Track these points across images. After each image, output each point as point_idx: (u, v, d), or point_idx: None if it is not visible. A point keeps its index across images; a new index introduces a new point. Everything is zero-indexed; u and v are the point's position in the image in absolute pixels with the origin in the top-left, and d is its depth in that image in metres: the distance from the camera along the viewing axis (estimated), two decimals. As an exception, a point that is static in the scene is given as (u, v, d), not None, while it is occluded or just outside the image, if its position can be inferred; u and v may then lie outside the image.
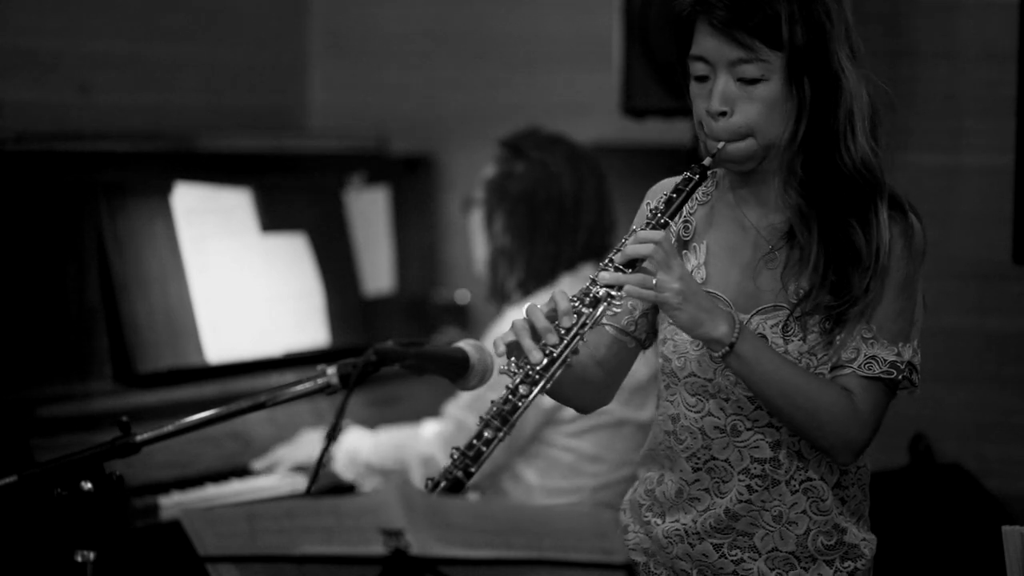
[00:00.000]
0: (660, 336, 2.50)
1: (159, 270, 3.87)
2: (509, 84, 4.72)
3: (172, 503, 3.63)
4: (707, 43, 2.37)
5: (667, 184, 2.49)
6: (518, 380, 2.28)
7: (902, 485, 3.96)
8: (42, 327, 3.71)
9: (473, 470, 2.22)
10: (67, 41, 4.29)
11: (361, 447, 3.79)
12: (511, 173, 3.73)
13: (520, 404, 2.26)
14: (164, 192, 3.93)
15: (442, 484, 2.22)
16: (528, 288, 3.70)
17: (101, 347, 3.79)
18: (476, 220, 3.81)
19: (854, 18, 2.43)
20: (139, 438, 2.27)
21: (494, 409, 2.27)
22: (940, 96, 4.10)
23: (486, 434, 2.25)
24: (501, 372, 2.32)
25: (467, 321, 4.66)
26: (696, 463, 2.46)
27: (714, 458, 2.45)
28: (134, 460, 2.34)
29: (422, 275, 4.70)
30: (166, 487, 3.67)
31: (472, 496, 3.56)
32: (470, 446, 2.24)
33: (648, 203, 2.51)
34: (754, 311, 2.41)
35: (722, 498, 2.44)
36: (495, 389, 3.49)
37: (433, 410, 4.06)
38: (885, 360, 2.38)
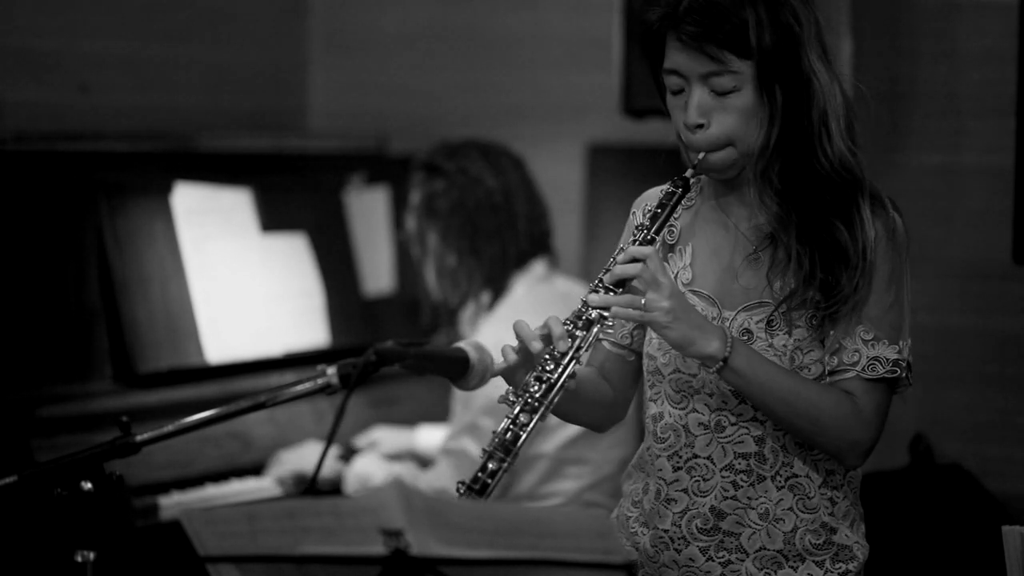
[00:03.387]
0: (646, 336, 2.50)
1: (159, 270, 3.87)
2: (509, 84, 4.72)
3: (172, 503, 3.64)
4: (678, 57, 2.38)
5: (652, 194, 2.52)
6: (518, 409, 2.29)
7: (902, 485, 3.96)
8: (42, 327, 3.71)
9: None
10: (67, 41, 4.29)
11: (374, 474, 3.76)
12: (434, 192, 3.75)
13: (522, 433, 2.27)
14: (164, 192, 3.93)
15: None
16: (486, 297, 3.70)
17: (101, 347, 3.79)
18: (418, 251, 3.82)
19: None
20: (139, 438, 2.27)
21: (496, 440, 2.27)
22: (940, 96, 4.10)
23: (491, 466, 2.25)
24: (500, 402, 2.33)
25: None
26: (677, 462, 2.45)
27: (696, 456, 2.43)
28: (134, 460, 2.34)
29: (422, 275, 4.69)
30: (166, 487, 3.67)
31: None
32: (475, 479, 2.25)
33: (634, 213, 2.54)
34: (739, 308, 2.42)
35: (703, 497, 2.43)
36: (494, 414, 3.47)
37: (433, 410, 4.05)
38: (888, 359, 2.39)
